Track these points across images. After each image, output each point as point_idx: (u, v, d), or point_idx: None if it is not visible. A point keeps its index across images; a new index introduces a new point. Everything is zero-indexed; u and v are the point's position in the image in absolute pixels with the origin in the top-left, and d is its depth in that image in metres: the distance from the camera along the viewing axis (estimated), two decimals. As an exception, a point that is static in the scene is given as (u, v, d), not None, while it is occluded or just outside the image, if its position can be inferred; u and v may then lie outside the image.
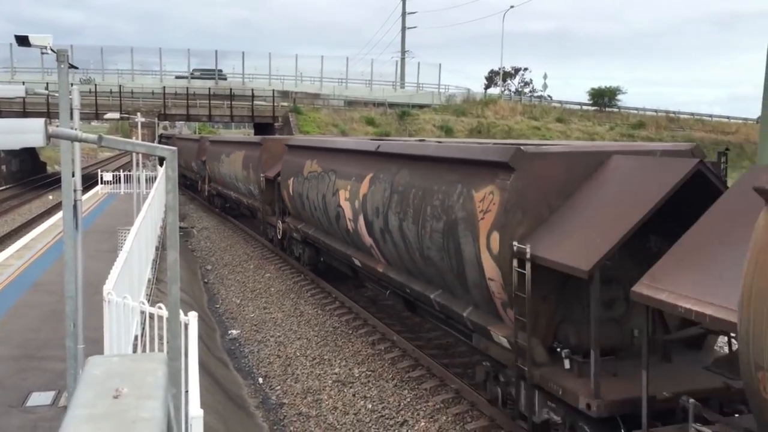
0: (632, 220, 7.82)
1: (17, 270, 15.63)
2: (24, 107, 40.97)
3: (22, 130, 5.01)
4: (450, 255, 10.34)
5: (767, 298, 4.98)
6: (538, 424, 8.98)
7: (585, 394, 7.82)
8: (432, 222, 10.78)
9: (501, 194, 9.12)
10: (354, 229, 14.73)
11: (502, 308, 9.34)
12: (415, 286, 12.13)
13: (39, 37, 7.20)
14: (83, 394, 1.45)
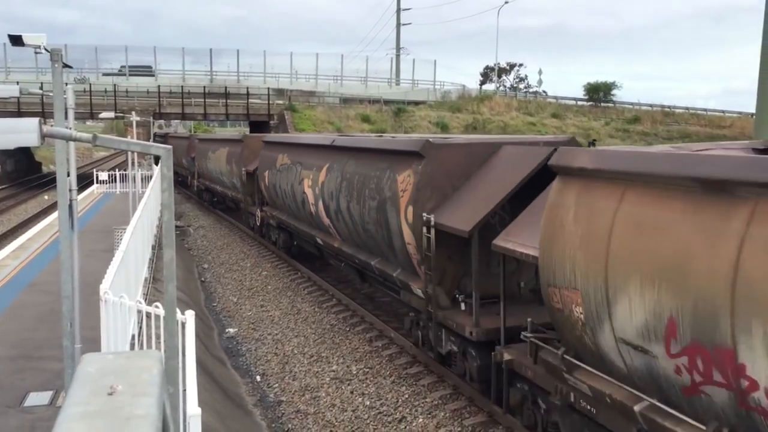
0: (502, 194, 10.33)
1: (13, 270, 15.60)
2: (18, 107, 40.87)
3: (17, 129, 5.01)
4: (382, 227, 12.79)
5: (551, 239, 7.65)
6: (444, 354, 11.42)
7: (469, 325, 10.26)
8: (369, 201, 13.26)
9: (414, 176, 11.55)
10: (315, 212, 17.05)
11: (418, 266, 11.70)
12: (361, 256, 14.53)
13: (33, 36, 7.19)
14: (77, 391, 1.45)
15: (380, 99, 54.47)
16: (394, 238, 12.35)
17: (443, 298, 11.22)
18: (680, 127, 55.73)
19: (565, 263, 7.42)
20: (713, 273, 5.60)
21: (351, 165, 14.66)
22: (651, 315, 6.24)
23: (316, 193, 16.62)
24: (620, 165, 7.01)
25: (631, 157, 7.10)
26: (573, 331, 7.59)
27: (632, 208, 6.63)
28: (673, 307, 5.98)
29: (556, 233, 7.58)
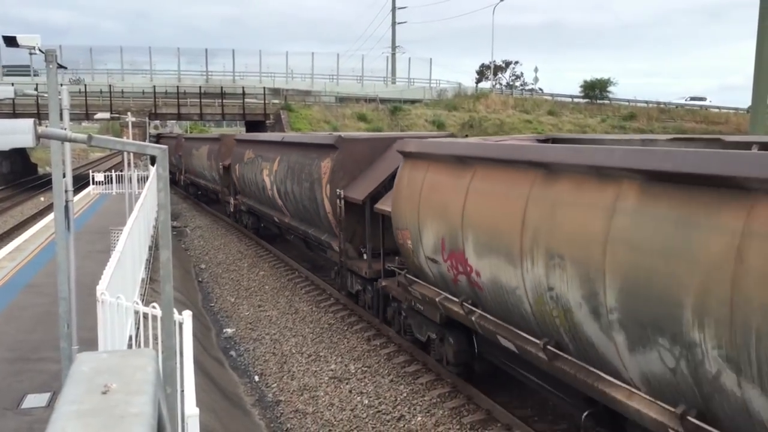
0: (386, 174, 14.01)
1: (10, 272, 15.57)
2: (13, 108, 40.77)
3: (12, 130, 4.99)
4: (313, 202, 16.99)
5: (396, 198, 11.49)
6: (353, 293, 15.79)
7: (365, 269, 14.47)
8: (305, 183, 17.40)
9: (331, 163, 15.87)
10: (272, 195, 21.28)
11: (336, 230, 15.89)
12: (303, 227, 18.72)
13: (27, 37, 7.17)
14: (71, 390, 1.44)
15: (376, 98, 54.46)
16: (320, 210, 16.63)
17: (351, 251, 15.51)
18: (676, 124, 55.81)
19: (401, 212, 11.43)
20: (457, 212, 9.52)
21: (294, 156, 18.87)
22: (435, 239, 10.27)
23: (272, 179, 20.80)
24: (426, 149, 11.11)
25: (431, 144, 11.27)
26: (408, 257, 11.60)
27: (431, 176, 10.65)
28: (443, 233, 10.00)
29: (398, 194, 11.67)
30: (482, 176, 9.23)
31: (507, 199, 8.46)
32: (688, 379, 5.90)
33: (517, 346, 8.74)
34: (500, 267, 8.53)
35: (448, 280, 10.22)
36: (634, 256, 6.29)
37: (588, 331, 7.08)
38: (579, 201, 7.18)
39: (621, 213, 6.52)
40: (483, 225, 8.96)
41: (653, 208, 6.20)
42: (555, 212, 7.49)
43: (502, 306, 8.90)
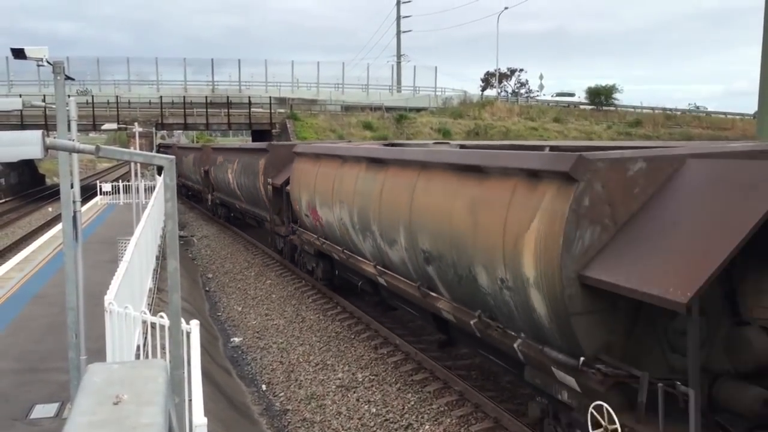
0: None
1: (18, 282, 15.63)
2: (21, 120, 41.01)
3: (20, 142, 5.02)
4: (255, 188, 24.85)
5: (292, 182, 19.43)
6: (279, 249, 23.06)
7: (288, 231, 20.35)
8: (251, 176, 25.36)
9: (264, 161, 23.55)
10: (234, 188, 29.53)
11: (270, 208, 23.15)
12: (251, 208, 27.25)
13: (35, 49, 7.23)
14: (83, 401, 1.45)
15: (382, 106, 54.57)
16: (259, 194, 24.66)
17: (277, 220, 22.65)
18: (682, 130, 55.70)
19: (293, 190, 18.71)
20: (311, 186, 16.52)
21: (244, 158, 27.35)
22: (307, 203, 16.86)
23: (234, 176, 28.93)
24: (300, 150, 18.80)
25: (302, 146, 19.28)
26: (299, 217, 18.90)
27: (303, 165, 17.50)
28: (308, 199, 16.83)
29: (292, 179, 19.01)
30: (325, 164, 16.45)
31: (333, 176, 15.48)
32: (474, 292, 9.41)
33: (355, 265, 14.76)
34: (327, 214, 15.87)
35: (313, 227, 17.62)
36: (429, 214, 10.47)
37: (393, 256, 12.48)
38: (379, 177, 12.90)
39: (418, 188, 11.02)
40: (321, 192, 16.10)
41: (434, 184, 10.57)
42: (374, 186, 12.97)
43: (334, 236, 15.99)
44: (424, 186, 10.86)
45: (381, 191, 12.50)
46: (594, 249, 7.23)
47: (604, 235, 7.27)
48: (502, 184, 8.70)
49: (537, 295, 7.77)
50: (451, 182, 9.96)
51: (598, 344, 7.31)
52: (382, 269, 13.13)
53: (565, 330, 7.48)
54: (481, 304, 9.32)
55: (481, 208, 8.98)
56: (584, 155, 7.48)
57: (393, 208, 11.85)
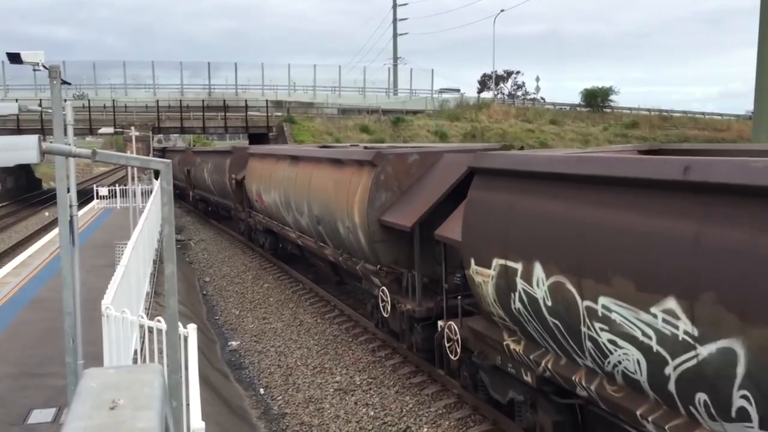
0: None
1: (15, 287, 15.59)
2: (18, 124, 40.95)
3: (16, 147, 5.01)
4: (224, 184, 30.63)
5: (246, 174, 26.51)
6: (242, 231, 29.31)
7: (244, 214, 27.73)
8: (221, 173, 31.24)
9: (230, 161, 29.95)
10: (209, 184, 35.24)
11: (234, 198, 29.31)
12: (221, 200, 33.00)
13: (31, 53, 7.22)
14: (80, 406, 1.45)
15: (378, 109, 54.59)
16: (226, 188, 30.18)
17: (239, 207, 27.58)
18: (678, 131, 55.80)
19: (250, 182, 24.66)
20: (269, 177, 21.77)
21: (215, 158, 33.51)
22: (255, 191, 23.95)
23: (209, 173, 34.52)
24: (261, 151, 24.97)
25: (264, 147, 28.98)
26: (251, 201, 25.77)
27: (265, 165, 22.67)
28: (260, 187, 23.05)
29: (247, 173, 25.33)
30: (267, 161, 22.48)
31: (271, 170, 21.38)
32: (339, 239, 15.12)
33: (287, 235, 20.52)
34: (268, 197, 21.34)
35: (261, 209, 23.37)
36: (318, 191, 16.36)
37: (303, 222, 18.25)
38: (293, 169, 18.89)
39: (314, 174, 16.97)
40: (264, 181, 22.09)
41: (320, 171, 16.52)
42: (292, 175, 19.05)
43: (272, 214, 21.83)
44: (317, 173, 16.87)
45: (295, 178, 18.57)
46: (387, 205, 13.15)
47: (392, 197, 13.20)
48: (347, 170, 14.71)
49: (361, 234, 13.63)
50: (328, 170, 16.03)
51: (390, 259, 13.26)
52: (299, 234, 19.11)
53: (372, 251, 13.33)
54: (342, 245, 15.26)
55: (338, 184, 14.92)
56: (381, 151, 13.69)
57: (301, 189, 17.83)
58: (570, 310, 7.25)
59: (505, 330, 9.01)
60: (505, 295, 8.48)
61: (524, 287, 8.03)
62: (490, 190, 8.96)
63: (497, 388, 9.63)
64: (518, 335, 8.77)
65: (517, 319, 8.51)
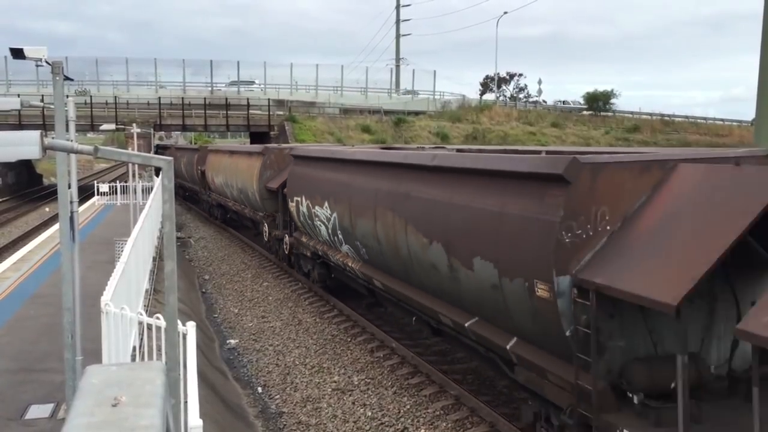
0: None
1: (15, 282, 15.60)
2: (19, 120, 40.92)
3: (18, 142, 5.02)
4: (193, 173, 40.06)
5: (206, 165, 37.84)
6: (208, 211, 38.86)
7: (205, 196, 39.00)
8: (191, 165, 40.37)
9: (197, 156, 38.64)
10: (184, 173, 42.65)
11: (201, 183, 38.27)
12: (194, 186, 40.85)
13: (34, 49, 7.23)
14: (82, 403, 1.46)
15: (380, 109, 54.59)
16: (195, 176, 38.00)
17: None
18: (680, 136, 55.79)
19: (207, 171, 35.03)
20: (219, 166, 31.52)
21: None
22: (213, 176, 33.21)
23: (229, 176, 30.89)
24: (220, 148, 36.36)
25: (217, 146, 43.22)
26: (206, 185, 36.96)
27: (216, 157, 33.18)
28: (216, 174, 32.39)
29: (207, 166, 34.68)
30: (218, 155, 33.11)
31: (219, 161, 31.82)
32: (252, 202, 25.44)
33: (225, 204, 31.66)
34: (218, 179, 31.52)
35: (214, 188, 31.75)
36: (239, 172, 26.62)
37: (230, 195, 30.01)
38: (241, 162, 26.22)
39: (239, 161, 27.10)
40: (215, 170, 32.08)
41: (240, 160, 27.16)
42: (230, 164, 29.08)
43: (219, 191, 32.14)
44: (242, 161, 26.42)
45: (229, 166, 28.63)
46: (269, 179, 22.71)
47: (276, 175, 22.40)
48: (252, 158, 24.62)
49: (257, 197, 23.43)
50: (247, 158, 25.38)
51: (272, 208, 23.09)
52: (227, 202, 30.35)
53: (262, 204, 23.32)
54: (254, 206, 24.20)
55: (250, 168, 24.21)
56: (269, 147, 25.08)
57: (231, 172, 27.84)
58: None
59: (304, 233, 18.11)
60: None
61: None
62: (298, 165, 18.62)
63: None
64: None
65: None
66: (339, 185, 15.03)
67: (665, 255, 6.89)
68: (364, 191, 13.44)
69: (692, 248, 6.73)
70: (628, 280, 6.90)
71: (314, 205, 16.42)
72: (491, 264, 8.71)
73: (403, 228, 11.48)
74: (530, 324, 8.25)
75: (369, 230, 13.13)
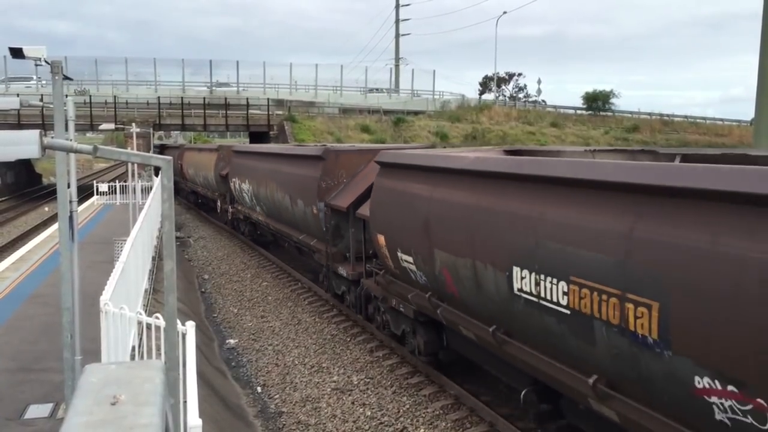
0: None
1: (14, 282, 15.59)
2: (19, 119, 40.93)
3: (17, 141, 5.01)
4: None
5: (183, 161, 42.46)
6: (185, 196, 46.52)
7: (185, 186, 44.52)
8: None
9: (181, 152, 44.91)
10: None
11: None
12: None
13: (33, 48, 7.22)
14: (81, 401, 1.45)
15: (380, 109, 54.59)
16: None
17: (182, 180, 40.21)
18: (679, 136, 55.82)
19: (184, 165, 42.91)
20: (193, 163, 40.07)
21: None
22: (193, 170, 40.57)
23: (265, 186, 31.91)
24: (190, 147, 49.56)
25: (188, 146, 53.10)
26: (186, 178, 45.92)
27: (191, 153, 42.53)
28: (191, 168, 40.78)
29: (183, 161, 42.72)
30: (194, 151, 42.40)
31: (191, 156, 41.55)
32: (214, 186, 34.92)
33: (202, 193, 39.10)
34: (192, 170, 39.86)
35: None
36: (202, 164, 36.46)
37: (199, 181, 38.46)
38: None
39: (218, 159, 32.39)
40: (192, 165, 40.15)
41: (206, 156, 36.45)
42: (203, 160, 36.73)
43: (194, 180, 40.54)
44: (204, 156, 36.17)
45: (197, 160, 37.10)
46: (222, 168, 30.95)
47: (226, 165, 29.91)
48: (211, 153, 34.13)
49: (212, 179, 32.89)
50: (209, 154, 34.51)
51: (223, 189, 31.39)
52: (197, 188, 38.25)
53: (217, 187, 32.15)
54: (212, 188, 33.43)
55: (211, 160, 33.04)
56: (222, 146, 34.93)
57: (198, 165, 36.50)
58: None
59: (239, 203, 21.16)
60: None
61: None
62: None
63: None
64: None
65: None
66: (254, 169, 24.06)
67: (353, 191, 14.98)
68: (262, 171, 22.91)
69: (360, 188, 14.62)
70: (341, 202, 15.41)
71: (242, 183, 25.66)
72: (287, 195, 19.71)
73: (275, 188, 21.25)
74: (311, 227, 17.88)
75: (264, 194, 22.65)
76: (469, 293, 9.28)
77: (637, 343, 6.15)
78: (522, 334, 8.35)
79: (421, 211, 10.33)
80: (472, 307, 9.41)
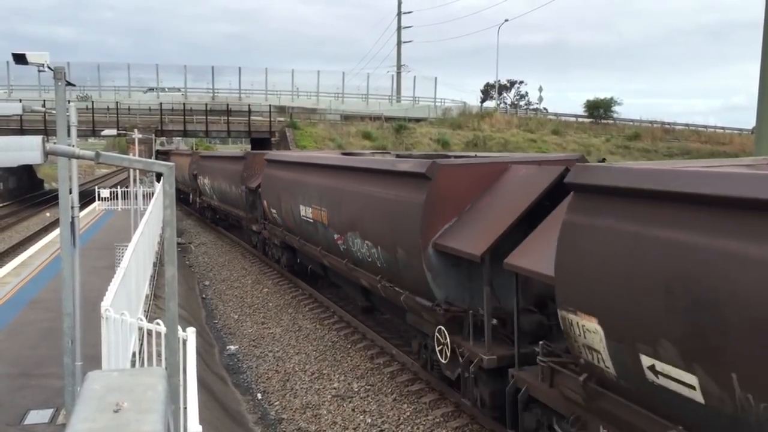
0: None
1: (15, 287, 15.59)
2: (21, 125, 41.03)
3: (20, 147, 5.01)
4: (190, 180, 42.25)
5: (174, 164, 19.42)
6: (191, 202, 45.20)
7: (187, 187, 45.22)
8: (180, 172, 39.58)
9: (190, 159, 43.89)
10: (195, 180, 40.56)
11: (191, 184, 43.92)
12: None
13: (36, 54, 7.23)
14: (83, 408, 1.45)
15: (381, 116, 54.64)
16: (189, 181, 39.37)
17: None
18: (680, 144, 55.80)
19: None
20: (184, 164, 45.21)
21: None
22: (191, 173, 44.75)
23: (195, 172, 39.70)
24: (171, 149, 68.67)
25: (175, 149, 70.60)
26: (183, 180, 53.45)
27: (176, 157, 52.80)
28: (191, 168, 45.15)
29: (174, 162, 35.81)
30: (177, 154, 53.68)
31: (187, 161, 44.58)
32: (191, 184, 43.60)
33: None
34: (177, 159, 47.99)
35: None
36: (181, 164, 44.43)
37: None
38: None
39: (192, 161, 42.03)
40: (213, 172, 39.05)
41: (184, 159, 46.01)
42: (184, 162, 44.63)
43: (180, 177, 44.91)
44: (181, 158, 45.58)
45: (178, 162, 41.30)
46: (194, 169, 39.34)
47: (197, 167, 37.82)
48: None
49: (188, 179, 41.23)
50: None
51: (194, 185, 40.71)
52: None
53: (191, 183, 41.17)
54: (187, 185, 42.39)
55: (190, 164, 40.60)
56: (195, 151, 49.06)
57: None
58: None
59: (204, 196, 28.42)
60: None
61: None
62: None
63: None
64: None
65: None
66: (210, 168, 33.28)
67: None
68: (212, 168, 32.71)
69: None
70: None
71: (204, 179, 34.47)
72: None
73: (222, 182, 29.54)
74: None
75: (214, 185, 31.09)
76: (292, 224, 18.51)
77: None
78: (314, 242, 16.88)
79: (278, 184, 19.77)
80: (295, 232, 18.67)
